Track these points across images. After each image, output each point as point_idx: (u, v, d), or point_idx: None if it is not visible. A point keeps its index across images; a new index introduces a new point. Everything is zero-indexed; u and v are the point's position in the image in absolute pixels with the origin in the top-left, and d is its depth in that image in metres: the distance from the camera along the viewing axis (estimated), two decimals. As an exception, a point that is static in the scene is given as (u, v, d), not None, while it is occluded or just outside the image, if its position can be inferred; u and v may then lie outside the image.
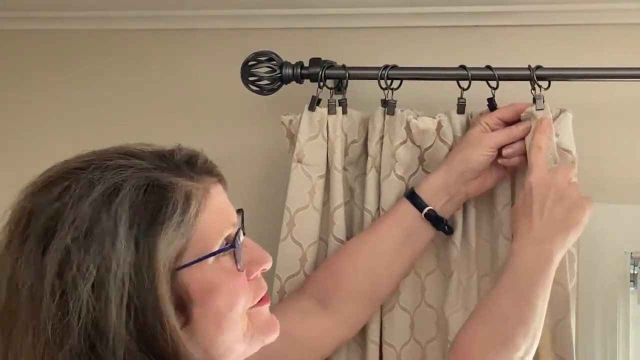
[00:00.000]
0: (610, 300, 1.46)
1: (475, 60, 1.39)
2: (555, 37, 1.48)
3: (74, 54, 1.66)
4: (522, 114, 1.33)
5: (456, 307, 1.36)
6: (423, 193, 1.33)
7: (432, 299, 1.40)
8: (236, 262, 0.95)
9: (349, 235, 1.42)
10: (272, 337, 1.00)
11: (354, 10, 1.53)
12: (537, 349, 1.25)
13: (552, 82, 1.34)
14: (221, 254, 0.94)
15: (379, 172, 1.39)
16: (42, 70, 1.68)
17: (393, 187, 1.38)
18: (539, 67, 1.34)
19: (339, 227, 1.39)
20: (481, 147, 1.32)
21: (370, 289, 1.33)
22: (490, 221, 1.39)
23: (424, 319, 1.40)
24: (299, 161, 1.39)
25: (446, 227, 1.35)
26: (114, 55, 1.65)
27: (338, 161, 1.39)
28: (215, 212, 0.95)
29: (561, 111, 1.33)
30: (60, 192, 0.89)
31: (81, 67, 1.66)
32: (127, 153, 0.93)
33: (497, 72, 1.36)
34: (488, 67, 1.36)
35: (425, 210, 1.32)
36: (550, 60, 1.37)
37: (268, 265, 1.00)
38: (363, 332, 1.38)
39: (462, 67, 1.37)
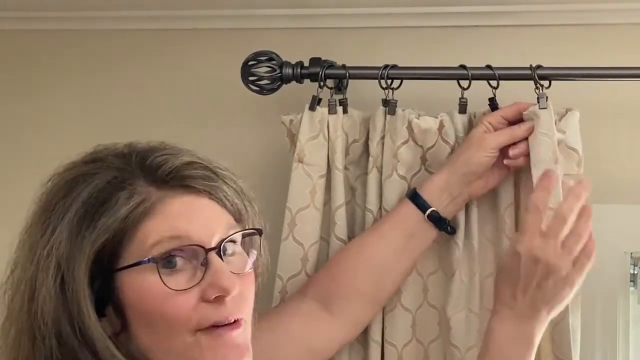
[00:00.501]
0: (610, 300, 1.46)
1: (475, 60, 1.39)
2: (555, 37, 1.48)
3: (74, 54, 1.66)
4: (524, 113, 1.33)
5: (458, 307, 1.36)
6: (425, 194, 1.33)
7: (435, 299, 1.40)
8: (160, 278, 0.91)
9: (351, 235, 1.42)
10: None
11: (354, 10, 1.53)
12: (538, 351, 1.25)
13: (552, 82, 1.34)
14: (159, 265, 0.91)
15: (380, 172, 1.39)
16: (42, 70, 1.67)
17: (395, 187, 1.38)
18: (539, 67, 1.34)
19: (340, 227, 1.39)
20: (483, 148, 1.31)
21: (373, 290, 1.33)
22: (493, 222, 1.39)
23: (426, 318, 1.40)
24: (300, 161, 1.39)
25: (449, 228, 1.34)
26: (114, 55, 1.64)
27: (339, 161, 1.39)
28: (165, 221, 0.92)
29: (567, 110, 1.33)
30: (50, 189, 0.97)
31: (81, 67, 1.65)
32: (95, 159, 0.97)
33: (497, 72, 1.36)
34: (488, 67, 1.36)
35: (428, 211, 1.32)
36: (550, 60, 1.37)
37: (229, 295, 0.93)
38: (365, 331, 1.38)
39: (462, 66, 1.37)
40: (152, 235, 0.92)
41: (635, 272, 1.49)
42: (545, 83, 1.33)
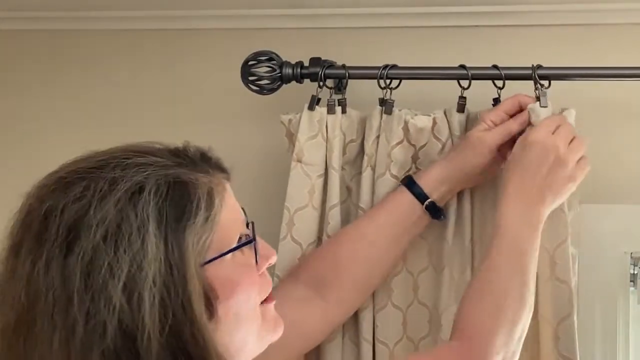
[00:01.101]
0: (610, 300, 1.46)
1: (475, 60, 1.39)
2: (555, 37, 1.48)
3: (74, 54, 1.66)
4: (527, 109, 1.32)
5: (449, 302, 1.36)
6: (424, 184, 1.33)
7: (425, 296, 1.40)
8: (255, 256, 0.95)
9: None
10: (279, 334, 1.00)
11: (354, 10, 1.54)
12: (541, 348, 1.25)
13: (552, 82, 1.34)
14: (238, 249, 0.93)
15: (374, 171, 1.39)
16: (42, 70, 1.68)
17: (387, 186, 1.38)
18: (539, 67, 1.34)
19: (333, 227, 1.38)
20: (480, 151, 1.31)
21: (367, 277, 1.34)
22: (483, 217, 1.39)
23: (417, 316, 1.40)
24: (299, 161, 1.39)
25: (442, 217, 1.36)
26: (114, 55, 1.64)
27: (336, 161, 1.39)
28: (232, 207, 0.95)
29: (563, 109, 1.33)
30: (81, 192, 0.86)
31: (81, 67, 1.66)
32: (142, 151, 0.91)
33: (495, 72, 1.36)
34: (495, 67, 1.36)
35: (427, 202, 1.33)
36: (550, 60, 1.37)
37: (274, 260, 1.00)
38: (357, 330, 1.39)
39: (462, 66, 1.37)
40: (233, 223, 0.94)
41: (635, 272, 1.49)
42: (545, 83, 1.33)
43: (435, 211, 1.34)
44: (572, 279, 1.32)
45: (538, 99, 1.32)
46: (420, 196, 1.33)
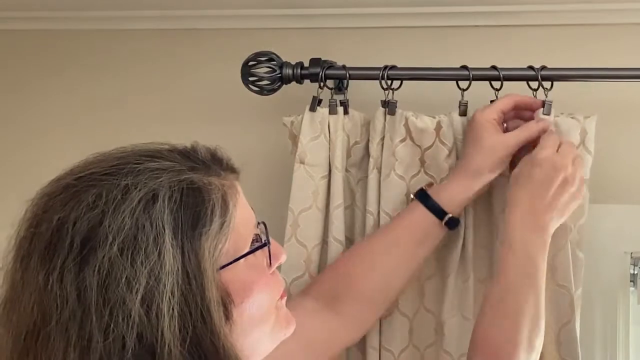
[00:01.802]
0: (610, 300, 1.46)
1: (475, 60, 1.39)
2: (556, 37, 1.48)
3: (74, 54, 1.66)
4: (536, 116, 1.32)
5: (452, 312, 1.36)
6: (443, 201, 1.31)
7: (431, 303, 1.40)
8: (269, 258, 0.95)
9: (350, 236, 1.42)
10: (291, 330, 0.99)
11: (354, 10, 1.53)
12: (543, 353, 1.25)
13: (553, 82, 1.34)
14: (252, 253, 0.93)
15: (380, 173, 1.39)
16: (42, 70, 1.67)
17: (393, 187, 1.37)
18: (544, 68, 1.34)
19: (337, 228, 1.38)
20: (500, 155, 1.30)
21: (382, 292, 1.32)
22: (488, 225, 1.39)
23: (423, 324, 1.40)
24: (302, 162, 1.39)
25: (458, 225, 1.34)
26: (114, 55, 1.64)
27: (339, 161, 1.39)
28: (244, 209, 0.94)
29: (585, 118, 1.33)
30: (93, 201, 0.84)
31: (81, 67, 1.66)
32: (153, 155, 0.89)
33: (496, 72, 1.36)
34: (494, 67, 1.36)
35: (446, 218, 1.31)
36: (550, 61, 1.37)
37: (284, 258, 0.99)
38: (363, 337, 1.37)
39: (464, 67, 1.37)
40: (247, 225, 0.93)
41: (635, 272, 1.49)
42: (548, 84, 1.33)
43: (454, 224, 1.33)
44: (575, 283, 1.32)
45: (544, 105, 1.32)
46: (439, 213, 1.31)
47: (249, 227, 0.94)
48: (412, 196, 1.35)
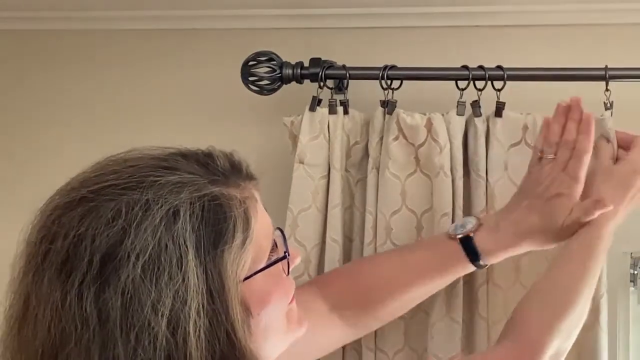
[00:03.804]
0: (611, 300, 1.46)
1: (475, 60, 1.39)
2: (556, 37, 1.48)
3: (74, 54, 1.66)
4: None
5: (440, 315, 1.35)
6: (485, 250, 1.25)
7: (428, 305, 1.38)
8: (288, 268, 0.93)
9: (348, 236, 1.42)
10: (304, 330, 0.98)
11: (354, 10, 1.53)
12: None
13: (553, 82, 1.34)
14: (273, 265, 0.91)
15: (379, 172, 1.39)
16: (42, 70, 1.67)
17: (388, 185, 1.37)
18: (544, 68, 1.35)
19: (335, 228, 1.38)
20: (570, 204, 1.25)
21: (390, 305, 1.28)
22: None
23: (419, 326, 1.38)
24: (301, 162, 1.39)
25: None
26: (114, 55, 1.64)
27: (338, 160, 1.39)
28: (263, 218, 0.92)
29: (602, 114, 1.33)
30: (113, 217, 0.82)
31: (81, 67, 1.66)
32: (171, 167, 0.87)
33: (492, 72, 1.36)
34: (499, 67, 1.36)
35: (478, 263, 1.26)
36: (550, 61, 1.37)
37: (299, 260, 0.99)
38: (359, 338, 1.36)
39: (464, 67, 1.37)
40: (266, 236, 0.92)
41: (635, 272, 1.49)
42: (549, 84, 1.34)
43: (483, 266, 1.28)
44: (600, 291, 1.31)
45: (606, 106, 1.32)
46: (475, 260, 1.25)
47: (268, 236, 0.93)
48: (452, 234, 1.28)
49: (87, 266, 0.80)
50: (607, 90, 1.33)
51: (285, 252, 0.93)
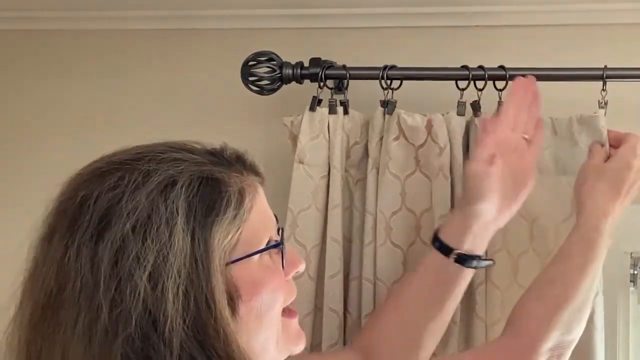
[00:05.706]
0: (610, 300, 1.46)
1: (475, 60, 1.39)
2: (556, 37, 1.48)
3: (74, 54, 1.66)
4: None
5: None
6: (446, 236, 1.25)
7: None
8: (282, 260, 0.96)
9: (348, 236, 1.42)
10: (300, 348, 1.00)
11: (354, 10, 1.54)
12: None
13: (553, 82, 1.34)
14: (265, 252, 0.94)
15: (378, 172, 1.39)
16: (42, 70, 1.67)
17: (388, 186, 1.37)
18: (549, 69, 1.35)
19: (335, 227, 1.38)
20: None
21: (407, 344, 1.26)
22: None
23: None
24: (301, 162, 1.39)
25: (480, 262, 1.26)
26: (114, 55, 1.64)
27: (337, 160, 1.39)
28: (262, 210, 0.95)
29: (595, 111, 1.34)
30: (115, 182, 0.88)
31: (81, 67, 1.66)
32: (179, 147, 0.93)
33: (492, 72, 1.35)
34: (501, 67, 1.36)
35: (454, 255, 1.24)
36: (550, 61, 1.37)
37: (302, 268, 1.00)
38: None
39: (464, 67, 1.37)
40: (262, 225, 0.94)
41: (635, 272, 1.49)
42: (550, 84, 1.33)
43: (467, 260, 1.24)
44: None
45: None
46: (445, 250, 1.24)
47: (266, 228, 0.95)
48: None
49: (87, 224, 0.86)
50: (603, 90, 1.34)
51: (278, 242, 0.95)
